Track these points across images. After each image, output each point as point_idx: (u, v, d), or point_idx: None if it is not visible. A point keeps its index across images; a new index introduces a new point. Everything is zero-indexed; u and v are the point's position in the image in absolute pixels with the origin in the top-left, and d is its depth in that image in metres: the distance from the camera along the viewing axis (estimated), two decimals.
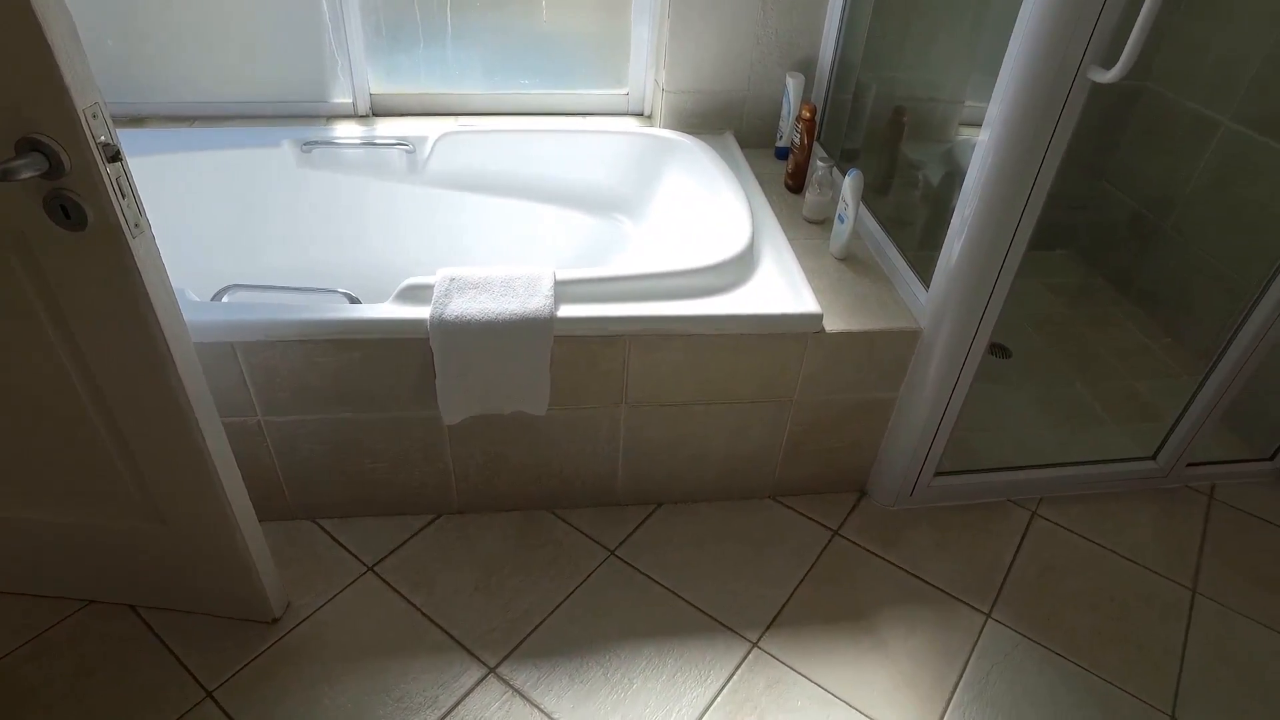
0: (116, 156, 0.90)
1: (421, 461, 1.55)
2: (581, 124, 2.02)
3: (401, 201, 1.94)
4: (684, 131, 1.97)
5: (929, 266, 1.48)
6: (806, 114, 1.80)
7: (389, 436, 1.50)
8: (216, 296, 1.66)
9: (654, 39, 1.99)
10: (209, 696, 1.32)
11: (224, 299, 1.66)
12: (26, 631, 1.40)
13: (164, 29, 1.82)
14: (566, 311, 1.38)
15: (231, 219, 1.86)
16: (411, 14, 1.93)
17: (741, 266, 1.52)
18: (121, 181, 0.92)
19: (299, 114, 1.99)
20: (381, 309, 1.37)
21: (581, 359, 1.43)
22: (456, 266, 1.43)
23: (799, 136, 1.82)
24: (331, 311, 1.36)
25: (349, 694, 1.34)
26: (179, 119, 1.93)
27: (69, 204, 0.90)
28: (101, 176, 0.89)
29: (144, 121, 1.91)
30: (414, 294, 1.39)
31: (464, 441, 1.53)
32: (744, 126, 2.05)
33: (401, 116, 2.03)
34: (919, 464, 1.65)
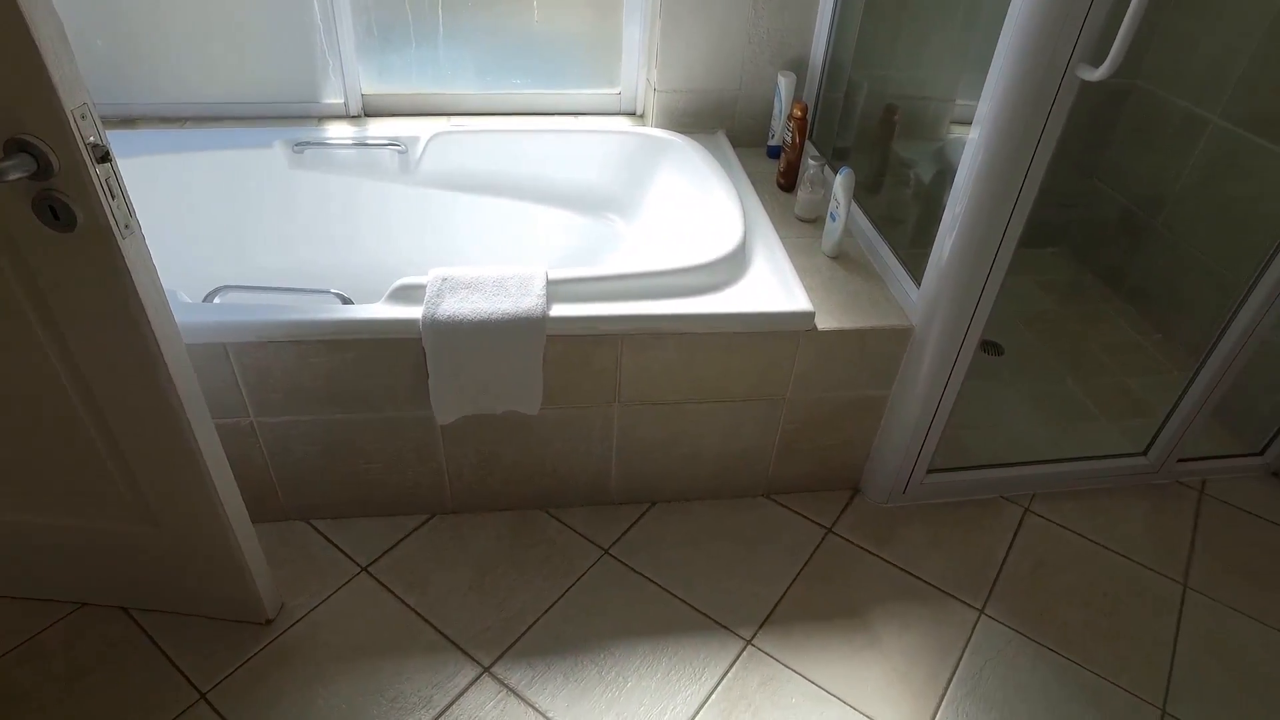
0: (106, 157, 0.90)
1: (415, 461, 1.55)
2: (573, 124, 2.02)
3: (394, 202, 1.94)
4: (676, 131, 1.98)
5: (920, 264, 1.49)
6: (798, 113, 1.80)
7: (382, 437, 1.50)
8: (208, 297, 1.65)
9: (645, 38, 2.00)
10: (202, 698, 1.32)
11: (216, 300, 1.65)
12: (18, 634, 1.39)
13: (154, 30, 1.82)
14: (559, 311, 1.38)
15: (223, 220, 1.85)
16: (403, 14, 1.93)
17: (733, 265, 1.52)
18: (111, 182, 0.92)
19: (290, 115, 1.98)
20: (374, 309, 1.37)
21: (574, 358, 1.44)
22: (449, 266, 1.43)
23: (791, 135, 1.83)
24: (324, 312, 1.36)
25: (343, 695, 1.34)
26: (170, 120, 1.93)
27: (58, 205, 0.90)
28: (91, 177, 0.88)
29: (135, 123, 1.90)
30: (406, 294, 1.39)
31: (457, 441, 1.53)
32: (736, 125, 2.06)
33: (393, 117, 2.03)
34: (912, 461, 1.66)
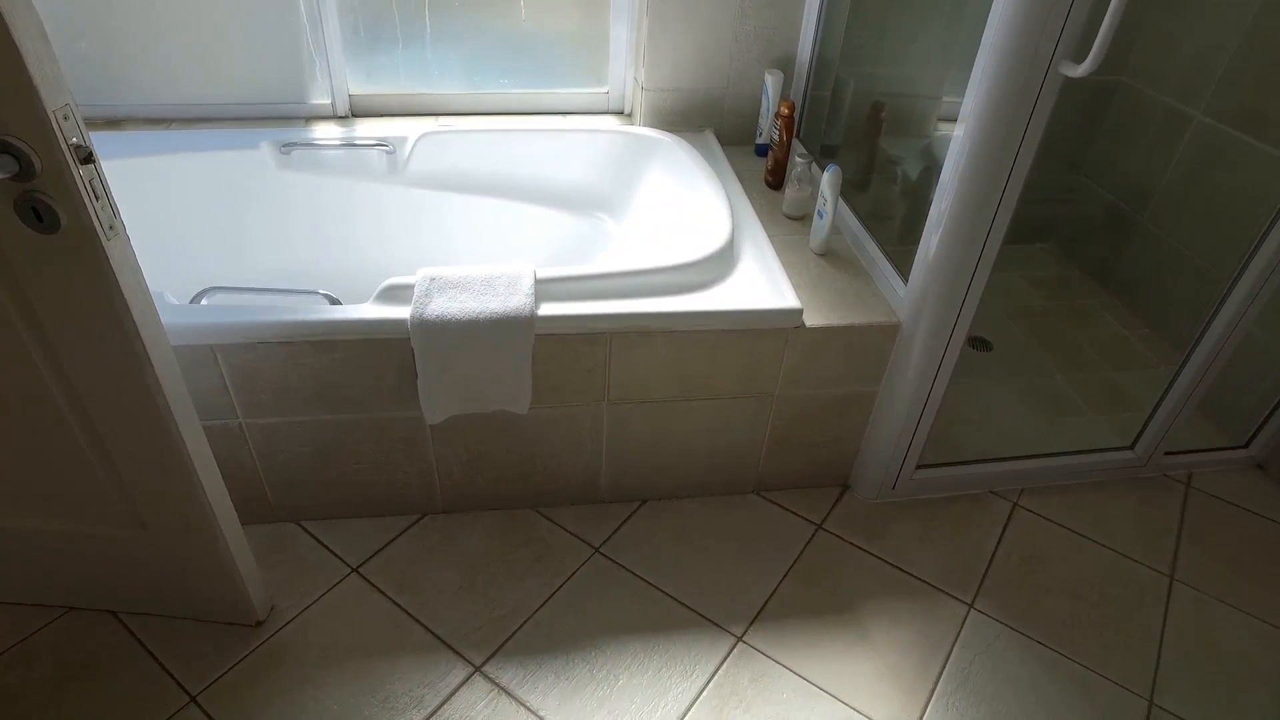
0: (89, 158, 0.90)
1: (404, 462, 1.54)
2: (562, 123, 2.02)
3: (382, 202, 1.93)
4: (664, 129, 1.98)
5: (908, 261, 1.49)
6: (785, 111, 1.81)
7: (371, 437, 1.49)
8: (196, 299, 1.65)
9: (633, 38, 2.00)
10: (192, 701, 1.32)
11: (203, 301, 1.65)
12: (6, 639, 1.38)
13: (140, 30, 1.81)
14: (547, 310, 1.38)
15: (210, 221, 1.84)
16: (390, 14, 1.93)
17: (722, 263, 1.52)
18: (95, 183, 0.91)
19: (277, 115, 1.98)
20: (362, 309, 1.37)
21: (563, 357, 1.44)
22: (437, 266, 1.43)
23: (778, 133, 1.83)
24: (312, 313, 1.35)
25: (334, 695, 1.33)
26: (156, 121, 1.92)
27: (41, 206, 0.89)
28: (74, 178, 0.88)
29: (120, 124, 1.89)
30: (394, 294, 1.39)
31: (447, 441, 1.53)
32: (724, 124, 2.06)
33: (381, 117, 2.02)
34: (901, 457, 1.66)
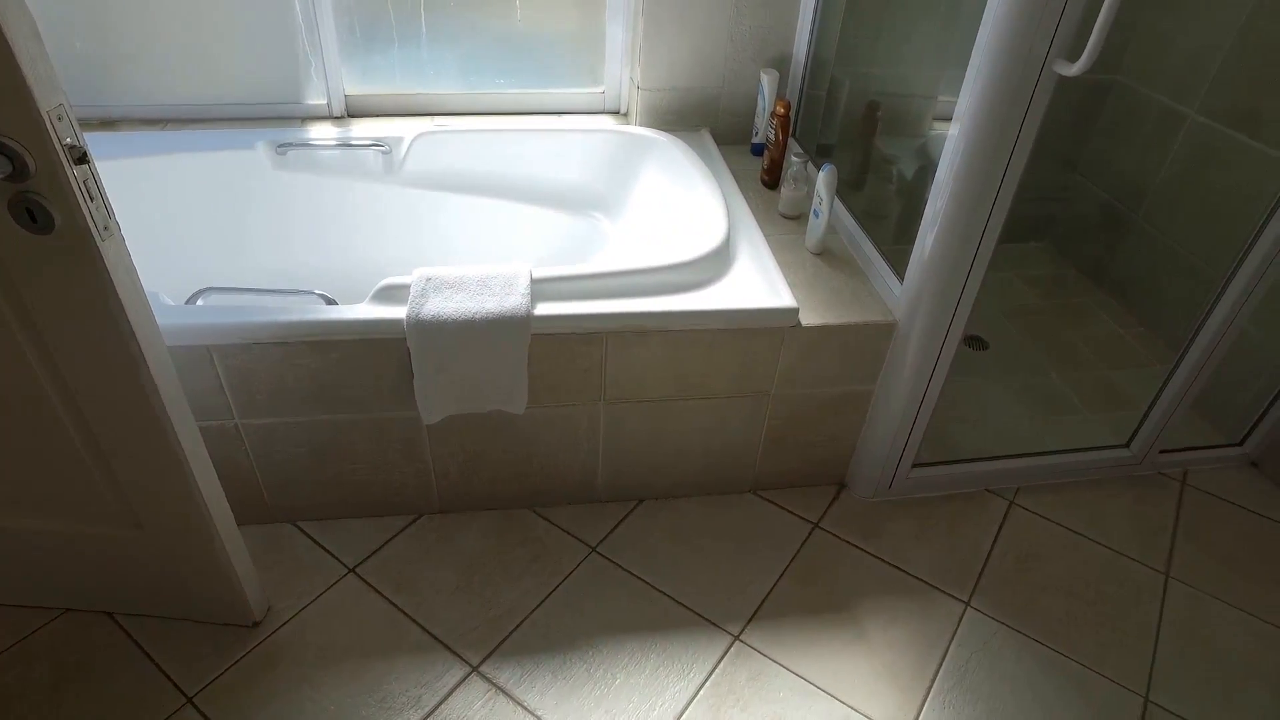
0: (83, 158, 0.90)
1: (401, 462, 1.54)
2: (558, 123, 2.02)
3: (378, 202, 1.93)
4: (660, 129, 1.98)
5: (903, 259, 1.49)
6: (781, 110, 1.81)
7: (368, 437, 1.49)
8: (191, 299, 1.65)
9: (628, 37, 2.00)
10: (189, 702, 1.31)
11: (199, 302, 1.65)
12: (2, 641, 1.38)
13: (135, 30, 1.80)
14: (543, 309, 1.38)
15: (206, 222, 1.84)
16: (385, 14, 1.92)
17: (718, 262, 1.52)
18: (89, 184, 0.91)
19: (273, 116, 1.97)
20: (358, 310, 1.37)
21: (559, 356, 1.44)
22: (433, 266, 1.43)
23: (774, 133, 1.83)
24: (307, 313, 1.35)
25: (331, 696, 1.33)
26: (151, 121, 1.92)
27: (35, 207, 0.89)
28: (68, 179, 0.88)
29: (115, 124, 1.89)
30: (390, 294, 1.39)
31: (443, 441, 1.53)
32: (720, 123, 2.06)
33: (377, 117, 2.02)
34: (897, 456, 1.67)
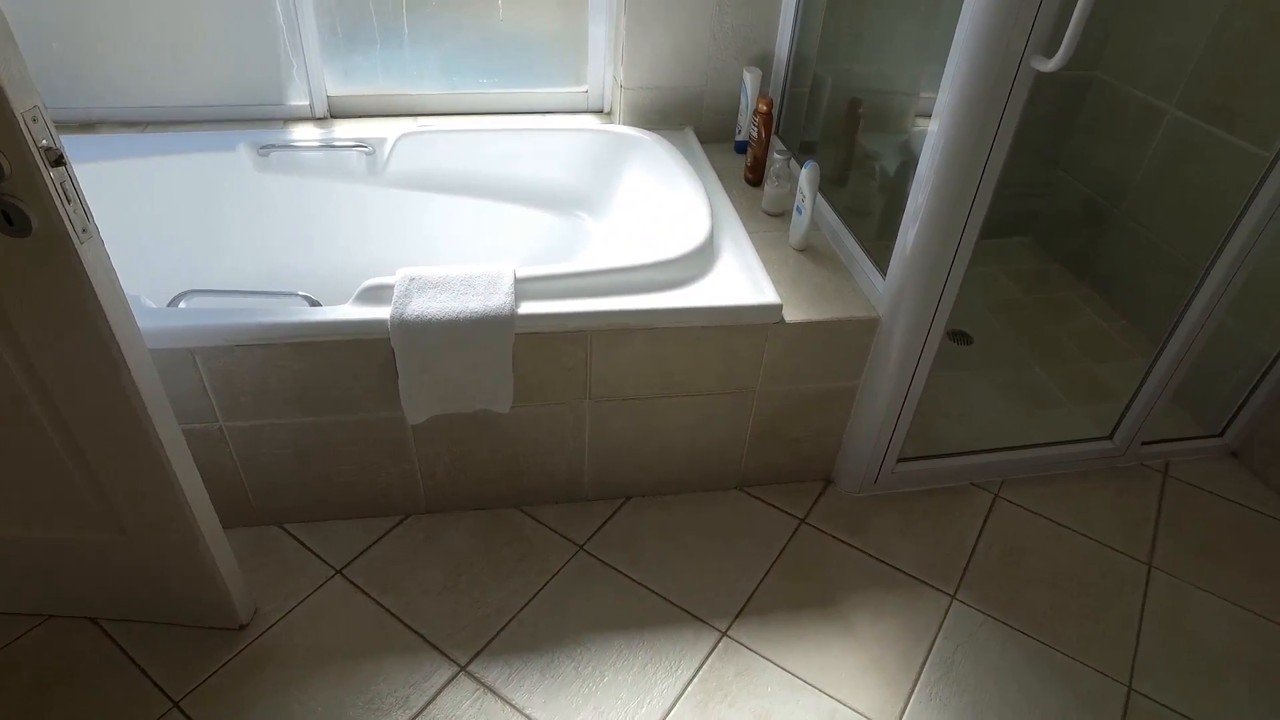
0: (60, 161, 0.89)
1: (387, 463, 1.54)
2: (541, 122, 2.02)
3: (361, 203, 1.93)
4: (644, 128, 1.98)
5: (886, 255, 1.50)
6: (763, 108, 1.81)
7: (354, 438, 1.49)
8: (173, 302, 1.64)
9: (611, 36, 2.00)
10: (175, 706, 1.31)
11: (181, 305, 1.64)
12: None
13: (113, 31, 1.79)
14: (527, 308, 1.38)
15: (188, 224, 1.83)
16: (367, 15, 1.92)
17: (701, 260, 1.53)
18: (66, 186, 0.91)
19: (255, 117, 1.96)
20: (341, 311, 1.36)
21: (544, 355, 1.44)
22: (417, 267, 1.43)
23: (757, 130, 1.84)
24: (291, 315, 1.35)
25: (319, 698, 1.33)
26: (131, 124, 1.90)
27: (11, 210, 0.89)
28: (44, 181, 0.87)
29: (95, 127, 1.88)
30: (374, 295, 1.38)
31: (429, 441, 1.52)
32: (703, 122, 2.07)
33: (360, 118, 2.02)
34: (882, 451, 1.68)
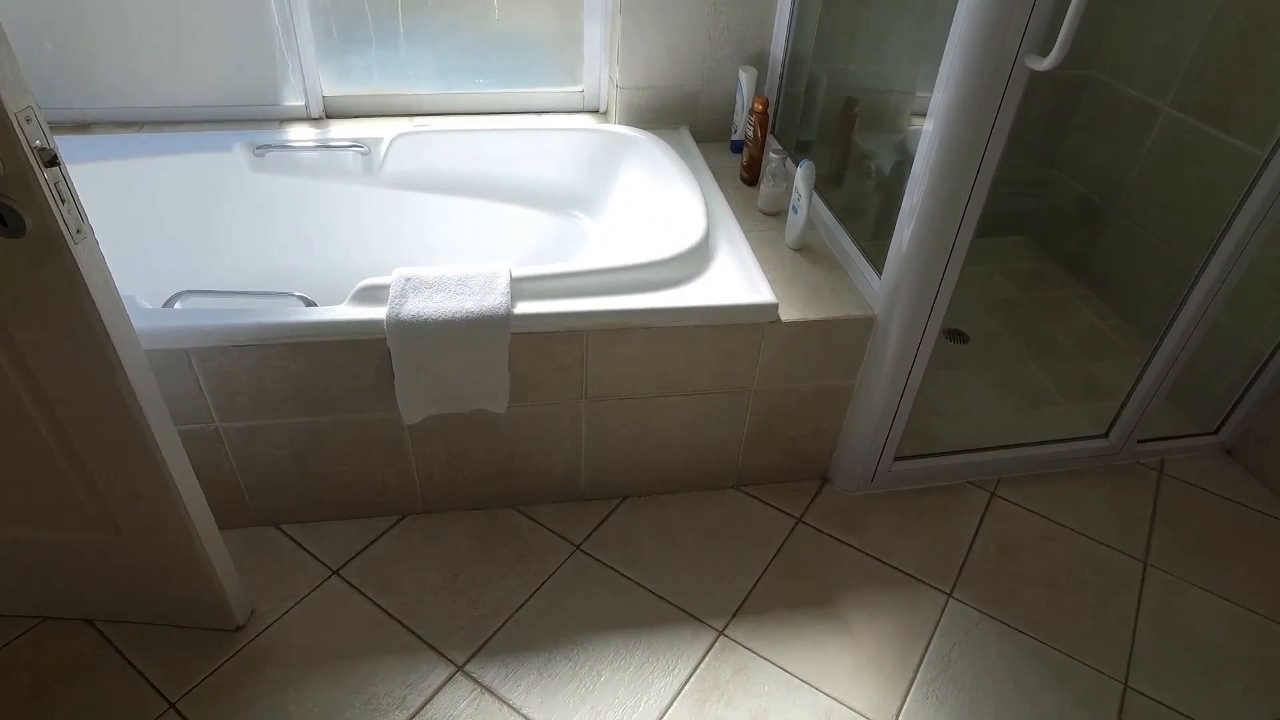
0: (54, 161, 0.89)
1: (384, 463, 1.54)
2: (537, 122, 2.02)
3: (357, 203, 1.93)
4: (640, 127, 1.98)
5: (882, 254, 1.50)
6: (759, 107, 1.82)
7: (350, 439, 1.49)
8: (169, 303, 1.64)
9: (607, 36, 2.00)
10: (172, 707, 1.31)
11: (177, 305, 1.64)
12: None
13: (109, 31, 1.79)
14: (523, 308, 1.38)
15: (184, 224, 1.83)
16: (362, 15, 1.92)
17: (697, 259, 1.53)
18: (60, 186, 0.91)
19: (250, 118, 1.96)
20: (337, 311, 1.36)
21: (540, 355, 1.44)
22: (413, 267, 1.43)
23: (753, 130, 1.84)
24: (287, 315, 1.35)
25: (316, 698, 1.33)
26: (127, 124, 1.90)
27: (5, 210, 0.88)
28: (38, 182, 0.87)
29: (90, 127, 1.87)
30: (370, 295, 1.38)
31: (426, 441, 1.52)
32: (699, 121, 2.07)
33: (355, 118, 2.02)
34: (879, 450, 1.68)
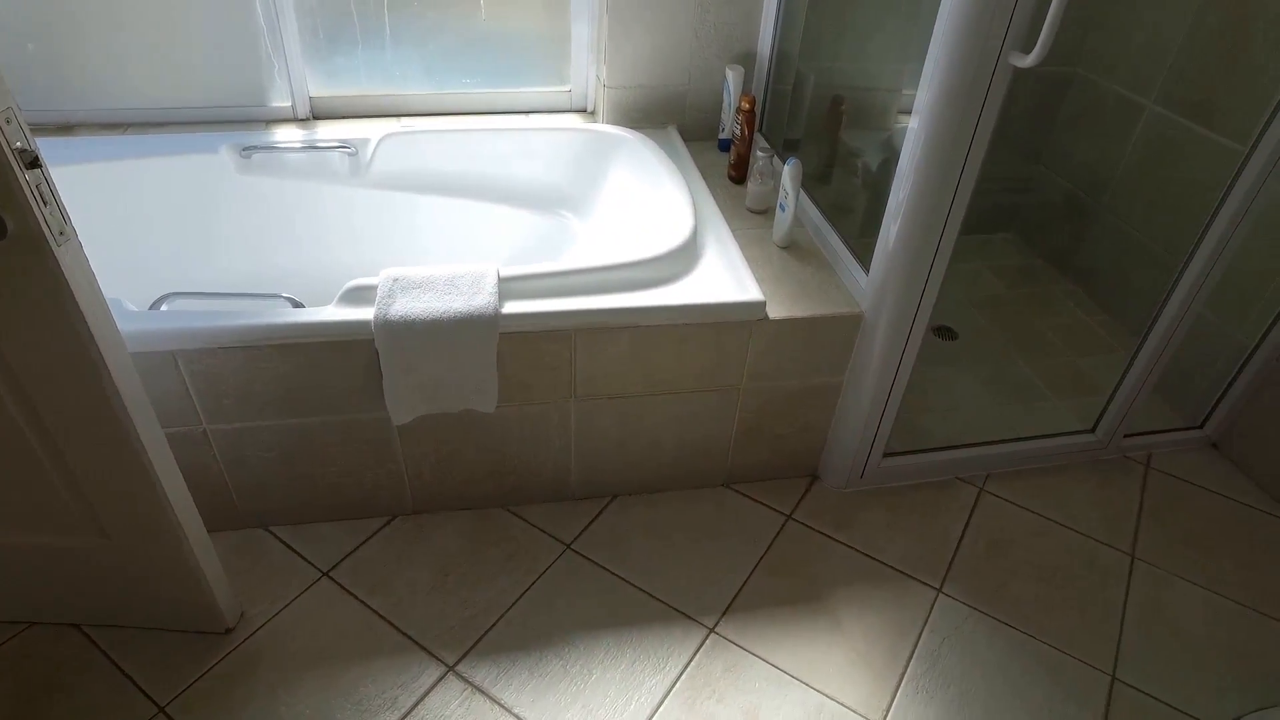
0: (35, 163, 0.89)
1: (373, 464, 1.54)
2: (525, 122, 2.02)
3: (345, 204, 1.92)
4: (627, 127, 1.98)
5: (869, 251, 1.51)
6: (746, 105, 1.82)
7: (339, 440, 1.49)
8: (155, 305, 1.63)
9: (594, 35, 2.00)
10: (161, 711, 1.30)
11: (163, 307, 1.63)
12: None
13: (92, 33, 1.78)
14: (511, 308, 1.38)
15: (170, 226, 1.82)
16: (348, 15, 1.91)
17: (685, 257, 1.53)
18: (42, 189, 0.90)
19: (237, 119, 1.95)
20: (325, 312, 1.36)
21: (529, 355, 1.44)
22: (401, 267, 1.43)
23: (740, 128, 1.85)
24: (274, 316, 1.34)
25: (307, 700, 1.33)
26: (111, 126, 1.89)
27: None
28: (19, 184, 0.87)
29: (74, 129, 1.86)
30: (358, 295, 1.38)
31: (415, 442, 1.52)
32: (687, 120, 2.07)
33: (343, 119, 2.01)
34: (868, 446, 1.68)
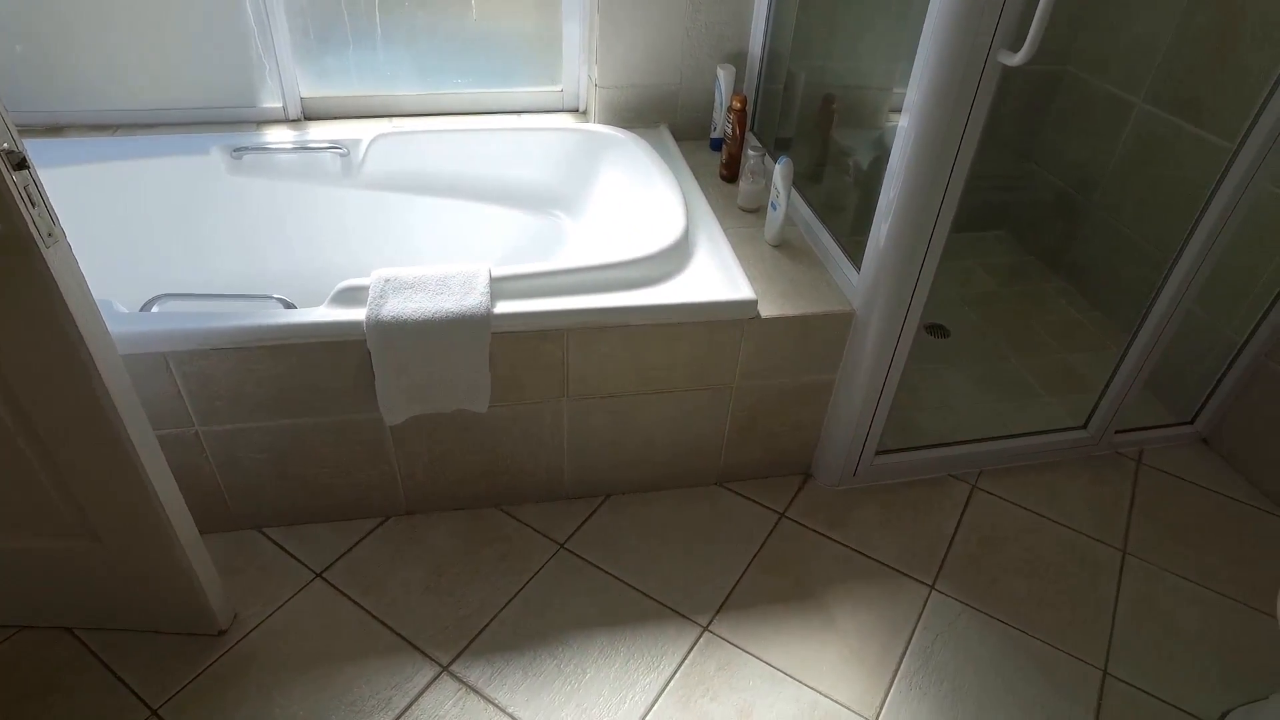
0: (23, 164, 0.88)
1: (366, 464, 1.54)
2: (516, 122, 2.02)
3: (337, 205, 1.92)
4: (619, 126, 1.99)
5: (861, 250, 1.51)
6: (737, 105, 1.82)
7: (331, 441, 1.48)
8: (146, 307, 1.62)
9: (585, 35, 2.00)
10: (154, 714, 1.30)
11: (154, 309, 1.62)
12: None
13: (81, 33, 1.77)
14: (503, 308, 1.38)
15: (161, 228, 1.82)
16: (339, 16, 1.91)
17: (677, 256, 1.53)
18: (30, 190, 0.90)
19: (227, 120, 1.95)
20: (316, 313, 1.36)
21: (521, 354, 1.44)
22: (392, 267, 1.42)
23: (731, 127, 1.85)
24: (265, 318, 1.34)
25: (301, 702, 1.33)
26: (101, 127, 1.88)
27: None
28: (6, 185, 0.87)
29: (63, 130, 1.86)
30: (349, 296, 1.38)
31: (408, 442, 1.52)
32: (679, 119, 2.07)
33: (334, 120, 2.01)
34: (860, 444, 1.69)
